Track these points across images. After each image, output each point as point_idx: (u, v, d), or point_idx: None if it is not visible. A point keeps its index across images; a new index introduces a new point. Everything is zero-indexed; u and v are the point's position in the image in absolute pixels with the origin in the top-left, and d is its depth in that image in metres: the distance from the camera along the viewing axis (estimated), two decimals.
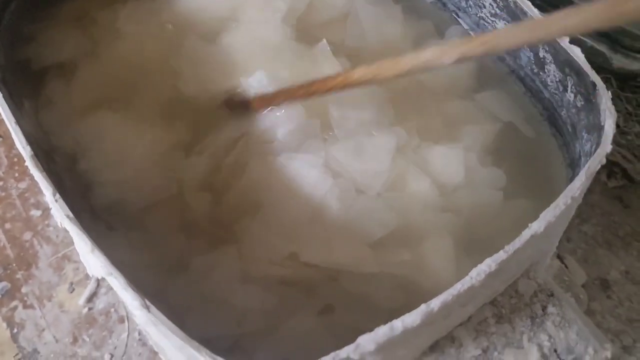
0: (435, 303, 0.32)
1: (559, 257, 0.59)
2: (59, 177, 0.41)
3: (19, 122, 0.39)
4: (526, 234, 0.35)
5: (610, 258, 0.70)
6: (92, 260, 0.33)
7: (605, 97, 0.41)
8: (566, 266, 0.56)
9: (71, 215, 0.34)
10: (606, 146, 0.38)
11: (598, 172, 0.39)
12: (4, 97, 0.41)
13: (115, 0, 0.59)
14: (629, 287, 0.68)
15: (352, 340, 0.31)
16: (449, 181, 0.48)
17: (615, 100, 0.68)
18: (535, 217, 0.36)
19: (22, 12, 0.55)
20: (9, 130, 0.40)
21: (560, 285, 0.50)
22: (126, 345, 0.57)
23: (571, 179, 0.45)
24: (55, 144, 0.48)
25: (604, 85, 0.42)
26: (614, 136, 0.40)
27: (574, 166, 0.46)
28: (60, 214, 0.35)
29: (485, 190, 0.48)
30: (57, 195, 0.35)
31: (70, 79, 0.54)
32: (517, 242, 0.35)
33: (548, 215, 0.36)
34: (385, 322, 0.32)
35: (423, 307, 0.32)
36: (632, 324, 0.65)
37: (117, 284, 0.32)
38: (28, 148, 0.37)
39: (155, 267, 0.44)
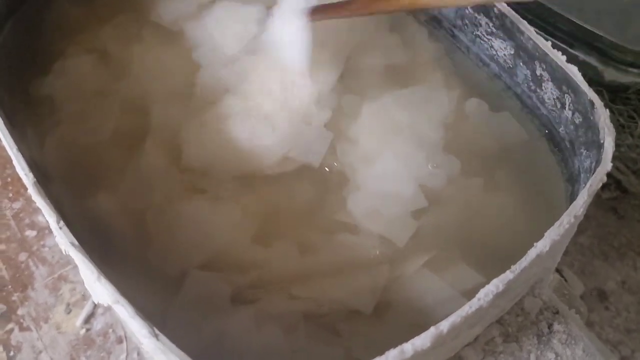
0: (444, 325, 0.32)
1: (558, 270, 0.60)
2: (58, 203, 0.40)
3: (20, 147, 0.39)
4: (532, 253, 0.35)
5: (606, 269, 0.70)
6: (98, 288, 0.33)
7: (603, 115, 0.41)
8: (565, 279, 0.56)
9: (76, 242, 0.34)
10: (607, 164, 0.39)
11: None
12: (3, 122, 0.40)
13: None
14: (626, 297, 0.69)
15: None
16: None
17: None
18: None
19: (21, 36, 0.55)
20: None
21: (562, 300, 0.50)
22: None
23: (571, 195, 0.46)
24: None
25: (602, 103, 0.42)
26: None
27: (572, 181, 0.47)
28: (65, 241, 0.34)
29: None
30: (62, 223, 0.35)
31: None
32: (524, 262, 0.35)
33: (552, 234, 0.36)
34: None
35: (432, 329, 0.32)
36: (630, 334, 0.66)
37: (125, 312, 0.32)
38: (30, 175, 0.36)
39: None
